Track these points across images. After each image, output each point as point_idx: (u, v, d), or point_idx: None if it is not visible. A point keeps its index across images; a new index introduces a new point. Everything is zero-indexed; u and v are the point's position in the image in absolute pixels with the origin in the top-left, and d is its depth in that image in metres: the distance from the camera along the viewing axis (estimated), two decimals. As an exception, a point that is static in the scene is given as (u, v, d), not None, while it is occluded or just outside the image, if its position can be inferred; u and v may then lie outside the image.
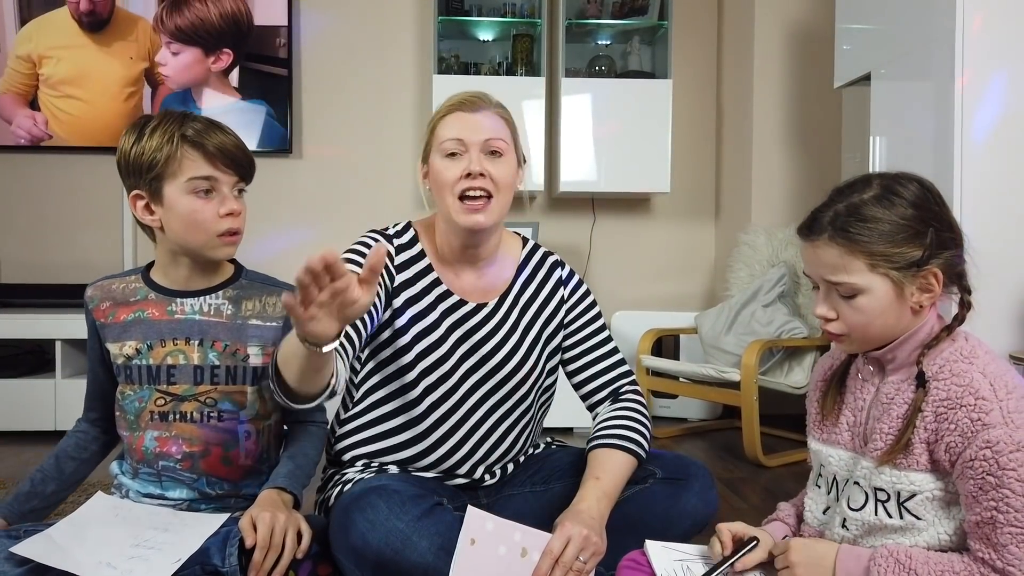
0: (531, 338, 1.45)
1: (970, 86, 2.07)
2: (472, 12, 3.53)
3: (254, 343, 1.36)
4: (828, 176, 3.23)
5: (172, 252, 1.34)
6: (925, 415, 1.03)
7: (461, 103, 1.37)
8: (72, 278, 3.50)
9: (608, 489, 1.28)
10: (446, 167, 1.35)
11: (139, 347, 1.33)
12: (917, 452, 1.03)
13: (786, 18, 3.35)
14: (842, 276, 1.06)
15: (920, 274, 1.05)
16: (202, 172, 1.27)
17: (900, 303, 1.06)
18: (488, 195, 1.34)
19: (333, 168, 3.66)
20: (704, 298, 3.81)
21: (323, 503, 1.42)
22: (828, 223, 1.07)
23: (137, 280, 1.38)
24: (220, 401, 1.34)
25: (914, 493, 1.04)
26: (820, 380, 1.23)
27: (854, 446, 1.13)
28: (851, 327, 1.08)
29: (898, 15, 2.41)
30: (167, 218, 1.29)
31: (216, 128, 1.30)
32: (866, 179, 1.10)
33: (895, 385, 1.09)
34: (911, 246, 1.04)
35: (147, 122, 1.29)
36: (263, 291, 1.40)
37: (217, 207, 1.29)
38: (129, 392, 1.35)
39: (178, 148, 1.25)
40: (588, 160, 3.42)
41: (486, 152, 1.35)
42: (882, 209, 1.05)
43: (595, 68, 3.59)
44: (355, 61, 3.66)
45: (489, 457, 1.45)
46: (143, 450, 1.34)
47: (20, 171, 3.54)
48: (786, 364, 2.87)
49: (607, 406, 1.46)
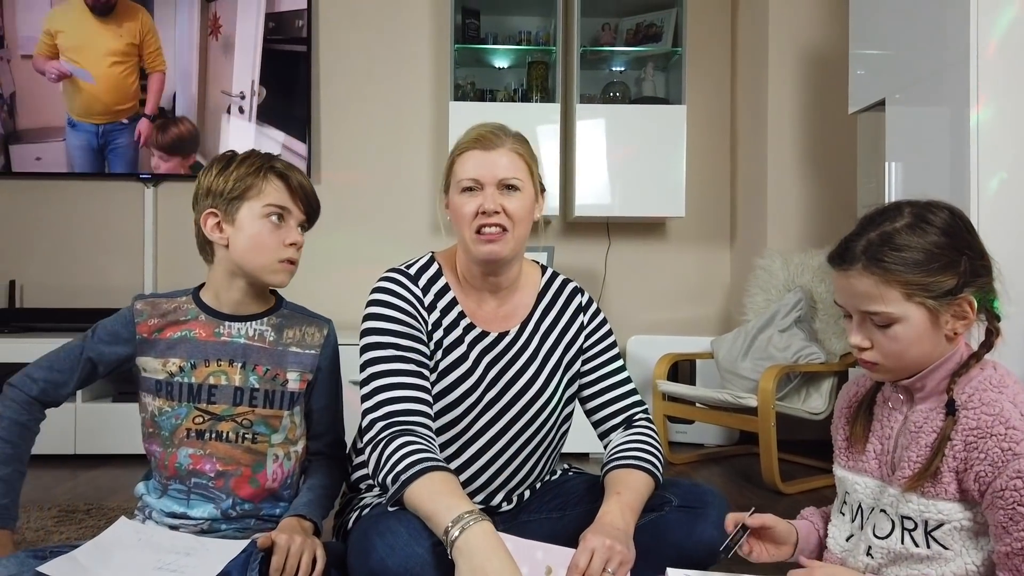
0: (551, 365, 1.46)
1: (985, 112, 2.07)
2: (488, 40, 3.58)
3: (293, 369, 1.42)
4: (844, 201, 3.24)
5: (230, 273, 1.40)
6: (954, 443, 1.02)
7: (477, 140, 1.38)
8: (93, 303, 3.55)
9: (631, 502, 1.28)
10: (463, 203, 1.38)
11: (183, 365, 1.38)
12: (946, 481, 1.03)
13: (800, 44, 3.37)
14: (878, 306, 1.05)
15: (955, 302, 1.04)
16: (281, 201, 1.38)
17: (935, 331, 1.05)
18: (504, 228, 1.36)
19: (351, 193, 3.70)
20: (720, 322, 3.80)
21: (341, 527, 1.43)
22: (861, 252, 1.06)
23: (188, 301, 1.43)
24: (256, 423, 1.39)
25: (942, 522, 1.03)
26: (846, 407, 1.22)
27: (881, 474, 1.13)
28: (886, 356, 1.07)
29: (912, 41, 2.42)
30: (235, 237, 1.37)
31: (297, 170, 1.43)
32: (897, 207, 1.09)
33: (924, 413, 1.09)
34: (946, 275, 1.04)
35: (236, 155, 1.40)
36: (303, 321, 1.47)
37: (284, 236, 1.38)
38: (167, 408, 1.38)
39: (264, 177, 1.37)
40: (603, 184, 3.45)
41: (501, 188, 1.37)
42: (915, 238, 1.04)
43: (609, 94, 3.62)
44: (373, 88, 3.72)
45: (508, 484, 1.45)
46: (176, 466, 1.37)
47: (43, 197, 3.62)
48: (803, 390, 2.86)
49: (620, 433, 1.46)
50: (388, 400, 1.31)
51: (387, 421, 1.29)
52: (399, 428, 1.28)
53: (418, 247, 3.53)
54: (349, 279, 3.40)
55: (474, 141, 1.39)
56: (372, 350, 1.36)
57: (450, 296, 1.44)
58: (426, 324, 1.40)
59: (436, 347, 1.40)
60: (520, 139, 1.42)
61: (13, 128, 3.53)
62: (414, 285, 1.42)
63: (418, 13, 3.72)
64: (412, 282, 1.42)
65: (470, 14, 3.53)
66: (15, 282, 3.56)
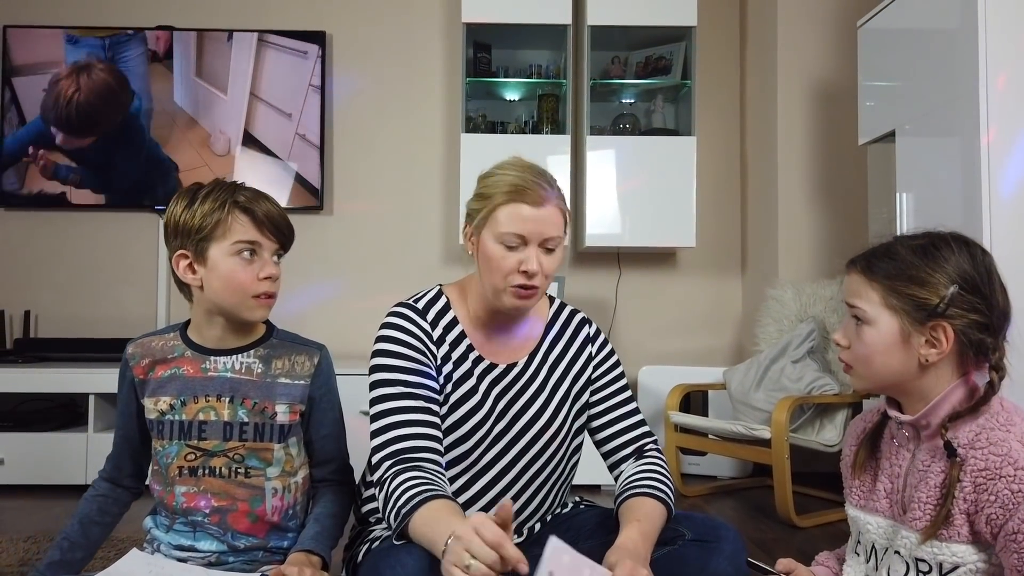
0: (560, 396, 1.45)
1: (996, 143, 2.07)
2: (499, 73, 3.62)
3: (282, 401, 1.40)
4: (855, 231, 3.23)
5: (208, 311, 1.38)
6: (964, 485, 1.01)
7: (526, 192, 1.31)
8: (106, 332, 3.58)
9: (648, 531, 1.26)
10: (503, 256, 1.33)
11: (173, 403, 1.37)
12: (958, 523, 1.01)
13: (808, 75, 3.40)
14: (856, 300, 1.10)
15: (930, 325, 1.04)
16: (248, 236, 1.34)
17: (905, 348, 1.06)
18: (537, 287, 1.35)
19: (363, 224, 3.73)
20: (732, 353, 3.78)
21: (351, 560, 1.42)
22: (865, 255, 1.13)
23: (175, 338, 1.42)
24: (247, 457, 1.37)
25: (957, 565, 1.02)
26: (853, 444, 1.22)
27: (893, 514, 1.11)
28: (855, 358, 1.11)
29: (921, 73, 2.43)
30: (208, 278, 1.34)
31: (264, 197, 1.38)
32: (929, 233, 1.12)
33: (931, 452, 1.08)
34: (925, 291, 1.05)
35: (199, 189, 1.36)
36: (292, 350, 1.44)
37: (257, 270, 1.35)
38: (159, 448, 1.38)
39: (229, 213, 1.33)
40: (613, 215, 3.46)
41: (543, 246, 1.34)
42: (912, 254, 1.08)
43: (619, 126, 3.65)
44: (386, 120, 3.76)
45: (518, 517, 1.43)
46: (174, 505, 1.37)
47: (56, 227, 3.66)
48: (817, 421, 2.83)
49: (632, 463, 1.45)
50: (396, 438, 1.30)
51: (394, 460, 1.28)
52: (405, 465, 1.27)
53: (429, 277, 3.58)
54: (361, 309, 3.41)
55: (521, 192, 1.31)
56: (380, 387, 1.35)
57: (459, 330, 1.43)
58: (435, 359, 1.39)
59: (446, 381, 1.39)
60: (559, 190, 1.38)
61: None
62: (423, 320, 1.41)
63: (430, 47, 3.78)
64: (421, 316, 1.41)
65: (482, 48, 3.57)
66: (30, 312, 3.59)
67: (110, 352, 3.38)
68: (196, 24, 3.66)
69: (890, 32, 2.63)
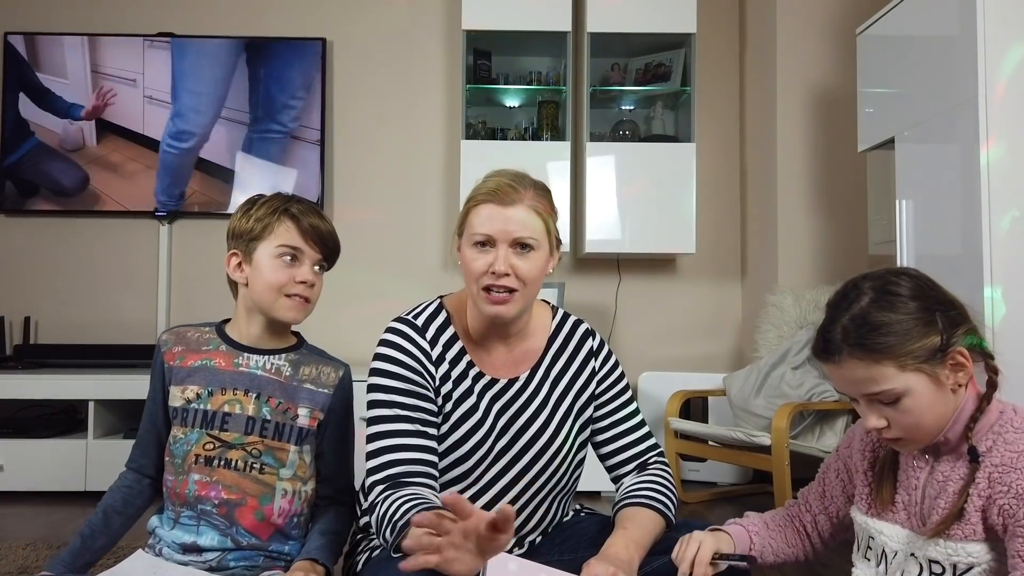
0: (563, 411, 1.43)
1: (996, 150, 2.08)
2: (499, 80, 3.63)
3: (304, 404, 1.46)
4: (854, 237, 3.24)
5: (249, 309, 1.47)
6: (979, 482, 1.03)
7: (495, 192, 1.30)
8: (106, 339, 3.58)
9: (637, 537, 1.25)
10: (474, 258, 1.32)
11: (200, 392, 1.42)
12: (973, 521, 1.03)
13: (808, 82, 3.40)
14: (878, 386, 1.05)
15: (947, 358, 1.05)
16: (292, 242, 1.43)
17: (941, 391, 1.06)
18: (512, 290, 1.31)
19: (363, 231, 3.73)
20: (732, 358, 3.78)
21: (350, 568, 1.42)
22: (841, 341, 1.07)
23: (211, 332, 1.49)
24: (264, 454, 1.42)
25: (971, 565, 1.03)
26: (869, 452, 1.21)
27: (912, 525, 1.12)
28: (905, 429, 1.07)
29: (921, 80, 2.44)
30: (252, 276, 1.44)
31: (314, 212, 1.49)
32: (855, 286, 1.10)
33: (949, 463, 1.09)
34: (928, 337, 1.04)
35: (260, 198, 1.48)
36: (320, 361, 1.52)
37: (295, 273, 1.44)
38: (180, 435, 1.42)
39: (278, 220, 1.44)
40: (613, 221, 3.46)
41: (515, 247, 1.30)
42: (888, 312, 1.05)
43: (619, 132, 3.65)
44: (386, 127, 3.77)
45: (521, 530, 1.42)
46: (186, 493, 1.39)
47: (57, 233, 3.66)
48: (817, 428, 2.82)
49: (633, 476, 1.44)
50: (390, 463, 1.28)
51: (387, 484, 1.27)
52: (398, 486, 1.26)
53: (430, 284, 3.58)
54: (361, 316, 3.41)
55: (491, 193, 1.30)
56: (377, 408, 1.33)
57: (459, 346, 1.40)
58: (433, 379, 1.37)
59: (446, 399, 1.37)
60: (541, 192, 1.34)
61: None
62: (421, 338, 1.38)
63: (431, 54, 3.79)
64: (420, 334, 1.38)
65: (482, 55, 3.59)
66: (30, 318, 3.59)
67: (110, 358, 3.39)
68: (196, 31, 3.67)
69: (889, 39, 2.64)
